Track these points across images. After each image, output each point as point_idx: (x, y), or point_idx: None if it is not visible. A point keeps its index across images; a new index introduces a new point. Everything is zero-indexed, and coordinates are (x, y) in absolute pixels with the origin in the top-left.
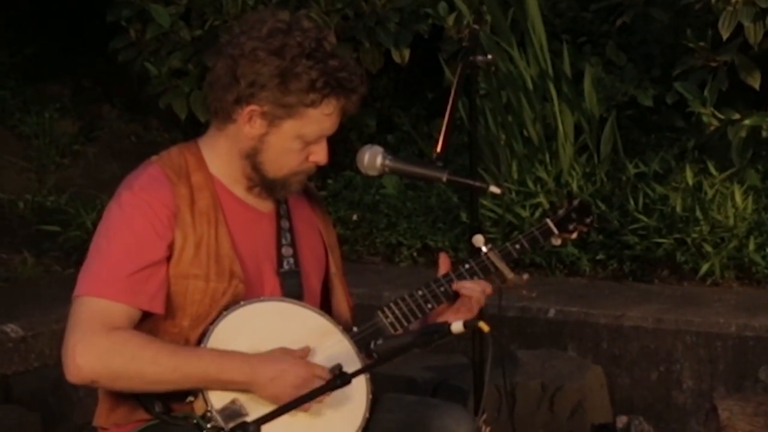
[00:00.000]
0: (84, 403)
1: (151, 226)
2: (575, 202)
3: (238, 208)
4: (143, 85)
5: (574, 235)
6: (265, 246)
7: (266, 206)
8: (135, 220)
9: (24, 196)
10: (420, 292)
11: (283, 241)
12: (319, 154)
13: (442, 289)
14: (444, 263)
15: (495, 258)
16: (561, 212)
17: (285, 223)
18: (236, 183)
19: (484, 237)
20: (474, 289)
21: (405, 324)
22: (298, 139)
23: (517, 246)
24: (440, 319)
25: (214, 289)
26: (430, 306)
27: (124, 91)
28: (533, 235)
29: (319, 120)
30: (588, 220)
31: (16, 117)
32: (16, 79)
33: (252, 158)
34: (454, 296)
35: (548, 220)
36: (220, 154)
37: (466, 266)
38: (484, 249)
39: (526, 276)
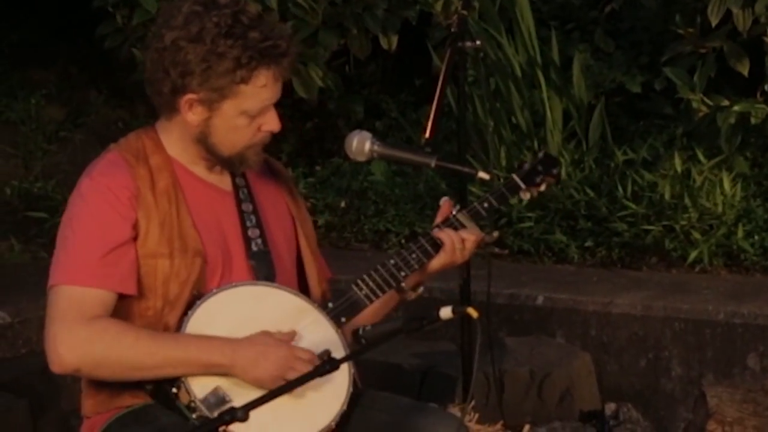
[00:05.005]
0: (71, 390)
1: (113, 209)
2: (540, 155)
3: (198, 187)
4: (130, 71)
5: (543, 187)
6: (231, 225)
7: (228, 184)
8: (97, 205)
9: (11, 182)
10: (392, 261)
11: (248, 224)
12: (270, 123)
13: (413, 255)
14: (445, 207)
15: (464, 218)
16: (526, 166)
17: (248, 206)
18: (195, 163)
19: (452, 200)
20: (449, 237)
21: (379, 294)
22: (242, 115)
23: (486, 204)
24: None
25: (179, 266)
26: (403, 274)
27: (111, 77)
28: (501, 192)
29: (256, 93)
30: (555, 171)
31: (2, 103)
32: (2, 65)
33: (204, 142)
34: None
35: (514, 175)
36: (174, 140)
37: (436, 229)
38: (453, 211)
39: (496, 233)
